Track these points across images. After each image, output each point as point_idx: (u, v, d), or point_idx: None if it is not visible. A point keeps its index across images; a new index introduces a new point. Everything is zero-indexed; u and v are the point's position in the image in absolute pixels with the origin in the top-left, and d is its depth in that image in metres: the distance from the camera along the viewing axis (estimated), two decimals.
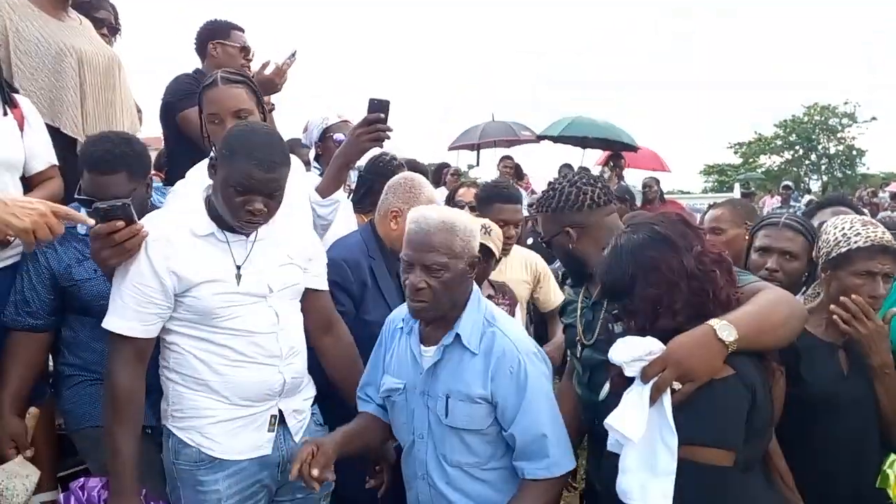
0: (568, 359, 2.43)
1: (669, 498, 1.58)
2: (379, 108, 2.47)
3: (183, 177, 2.52)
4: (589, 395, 2.13)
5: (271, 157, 1.92)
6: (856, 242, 2.05)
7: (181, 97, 3.14)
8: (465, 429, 1.92)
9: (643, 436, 1.62)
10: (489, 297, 2.51)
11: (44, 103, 2.74)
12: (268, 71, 3.25)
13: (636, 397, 1.65)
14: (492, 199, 3.23)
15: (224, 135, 2.02)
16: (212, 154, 2.04)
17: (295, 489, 2.15)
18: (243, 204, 1.92)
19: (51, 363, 2.45)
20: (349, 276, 2.46)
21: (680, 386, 1.63)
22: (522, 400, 1.88)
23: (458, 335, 1.93)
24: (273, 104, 3.38)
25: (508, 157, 9.39)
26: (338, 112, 3.47)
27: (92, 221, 1.85)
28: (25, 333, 2.24)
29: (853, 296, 2.04)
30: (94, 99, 2.92)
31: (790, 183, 15.25)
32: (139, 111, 3.95)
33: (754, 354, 1.72)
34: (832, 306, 2.06)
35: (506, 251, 3.12)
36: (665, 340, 1.67)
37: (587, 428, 2.25)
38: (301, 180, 2.50)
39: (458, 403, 1.91)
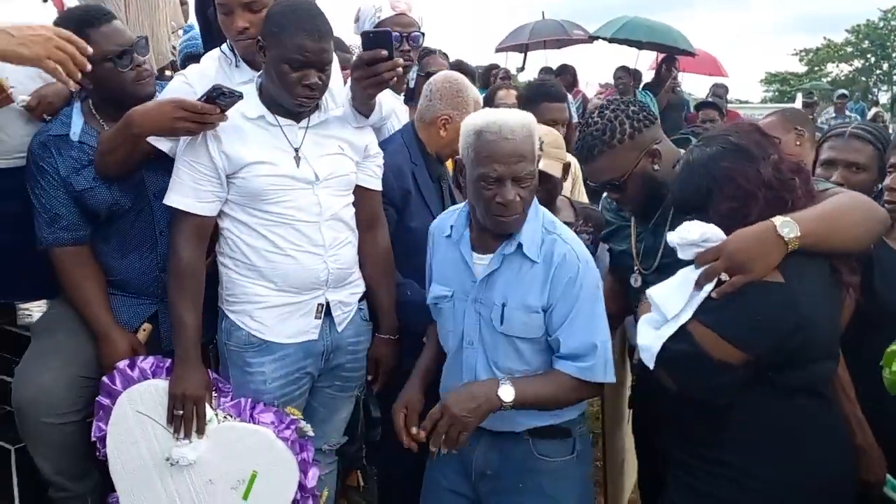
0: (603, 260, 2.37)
1: (658, 343, 1.68)
2: (377, 42, 2.04)
3: None
4: None
5: (319, 27, 1.93)
6: None
7: None
8: (520, 337, 1.89)
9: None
10: (568, 223, 2.28)
11: None
12: None
13: (687, 277, 1.68)
14: (538, 99, 3.10)
15: (267, 13, 2.02)
16: (258, 38, 2.00)
17: (334, 376, 2.24)
18: (300, 80, 1.95)
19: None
20: (392, 183, 2.37)
21: (727, 277, 1.62)
22: (574, 307, 1.85)
23: (520, 244, 1.87)
24: None
25: (495, 66, 8.28)
26: (392, 1, 2.83)
27: (89, 50, 1.75)
28: (73, 248, 2.11)
29: None
30: None
31: (845, 91, 14.16)
32: (184, 3, 3.91)
33: (825, 266, 1.68)
34: None
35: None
36: None
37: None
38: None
39: (515, 312, 1.87)
